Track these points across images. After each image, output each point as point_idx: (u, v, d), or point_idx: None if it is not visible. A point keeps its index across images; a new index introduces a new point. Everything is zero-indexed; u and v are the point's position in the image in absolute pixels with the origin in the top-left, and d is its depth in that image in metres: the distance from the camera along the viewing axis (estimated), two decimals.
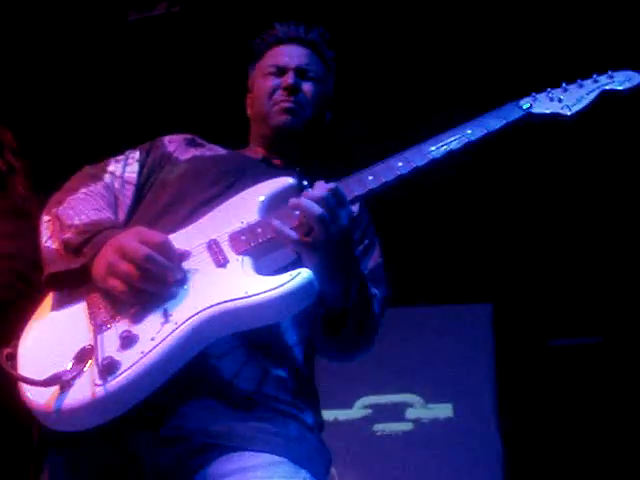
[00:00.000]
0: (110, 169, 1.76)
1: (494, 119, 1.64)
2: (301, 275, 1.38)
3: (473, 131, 1.62)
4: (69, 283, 1.49)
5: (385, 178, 1.56)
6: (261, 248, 1.50)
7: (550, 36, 3.75)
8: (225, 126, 2.34)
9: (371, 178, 1.56)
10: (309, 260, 1.46)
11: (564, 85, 1.69)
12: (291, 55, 1.91)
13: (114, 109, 4.29)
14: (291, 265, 1.49)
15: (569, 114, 1.65)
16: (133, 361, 1.32)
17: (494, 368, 5.22)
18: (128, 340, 1.35)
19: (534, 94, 1.69)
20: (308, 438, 1.52)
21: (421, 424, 5.27)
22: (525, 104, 1.67)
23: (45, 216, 1.62)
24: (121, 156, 1.81)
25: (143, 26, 3.89)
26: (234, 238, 1.52)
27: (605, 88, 1.66)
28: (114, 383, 1.30)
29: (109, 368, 1.31)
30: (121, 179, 1.75)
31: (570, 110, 1.65)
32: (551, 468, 4.80)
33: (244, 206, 1.60)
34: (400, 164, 1.58)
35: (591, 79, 1.69)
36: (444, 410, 5.27)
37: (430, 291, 5.18)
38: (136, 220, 1.66)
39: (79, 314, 1.45)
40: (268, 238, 1.50)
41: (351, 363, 1.75)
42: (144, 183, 1.76)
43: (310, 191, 1.46)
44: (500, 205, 4.91)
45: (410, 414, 5.30)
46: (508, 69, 3.80)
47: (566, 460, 4.79)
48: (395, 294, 1.95)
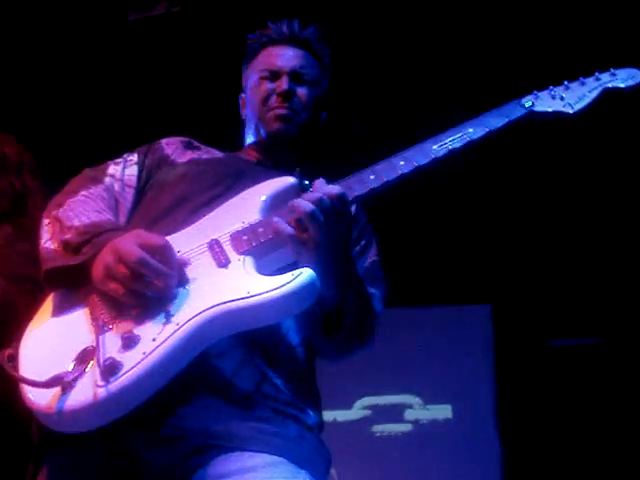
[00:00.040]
0: (110, 172, 1.75)
1: (496, 117, 1.63)
2: (303, 275, 1.37)
3: (475, 130, 1.61)
4: (68, 281, 1.48)
5: (387, 177, 1.55)
6: (263, 248, 1.50)
7: (552, 33, 3.75)
8: (225, 126, 2.32)
9: (372, 177, 1.55)
10: (306, 260, 1.45)
11: (566, 83, 1.69)
12: (285, 58, 1.88)
13: (114, 109, 4.28)
14: (293, 265, 1.48)
15: (571, 112, 1.64)
16: (135, 362, 1.32)
17: (493, 369, 5.21)
18: (130, 341, 1.34)
19: (536, 92, 1.68)
20: (308, 438, 1.51)
21: (420, 425, 5.27)
22: (527, 102, 1.66)
23: (45, 219, 1.61)
24: (120, 159, 1.80)
25: (143, 26, 3.89)
26: (235, 238, 1.51)
27: (607, 86, 1.66)
28: (116, 384, 1.30)
29: (111, 369, 1.30)
30: (121, 182, 1.74)
31: (572, 108, 1.64)
32: (550, 469, 4.80)
33: (245, 206, 1.59)
34: (402, 163, 1.57)
35: (593, 77, 1.69)
36: (443, 411, 5.26)
37: (429, 292, 5.16)
38: (136, 222, 1.65)
39: (80, 315, 1.44)
40: (269, 238, 1.49)
41: (350, 364, 1.74)
42: (143, 186, 1.75)
43: (309, 192, 1.46)
44: (500, 206, 4.91)
45: (409, 415, 5.30)
46: (510, 67, 3.80)
47: (565, 461, 4.79)
48: (394, 294, 1.94)
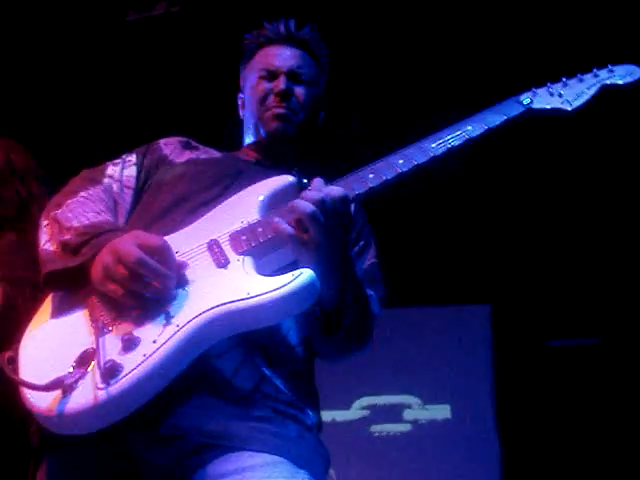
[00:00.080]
0: (108, 172, 1.75)
1: (494, 115, 1.63)
2: (303, 275, 1.37)
3: (473, 127, 1.61)
4: (67, 283, 1.48)
5: (386, 176, 1.55)
6: (262, 248, 1.49)
7: (549, 29, 3.75)
8: (223, 126, 2.32)
9: (371, 176, 1.55)
10: (306, 260, 1.45)
11: (564, 79, 1.68)
12: (282, 57, 1.89)
13: (113, 109, 4.28)
14: (292, 265, 1.47)
15: (570, 109, 1.64)
16: (135, 364, 1.31)
17: (492, 369, 5.22)
18: (130, 343, 1.34)
19: (534, 89, 1.68)
20: (307, 438, 1.51)
21: (419, 425, 5.27)
22: (525, 99, 1.66)
23: (44, 220, 1.60)
24: (118, 160, 1.79)
25: (142, 26, 3.89)
26: (234, 238, 1.50)
27: (606, 83, 1.65)
28: (117, 387, 1.29)
29: (111, 371, 1.30)
30: (119, 183, 1.74)
31: (571, 105, 1.64)
32: (549, 469, 4.80)
33: (244, 205, 1.58)
34: (401, 161, 1.57)
35: (591, 73, 1.68)
36: (442, 411, 5.27)
37: (429, 292, 5.17)
38: (134, 223, 1.65)
39: (80, 317, 1.44)
40: (269, 238, 1.48)
41: (349, 364, 1.74)
42: (142, 186, 1.75)
43: (308, 192, 1.45)
44: (499, 206, 4.91)
45: (408, 415, 5.30)
46: (508, 64, 3.79)
47: (564, 461, 4.79)
48: (394, 295, 1.94)
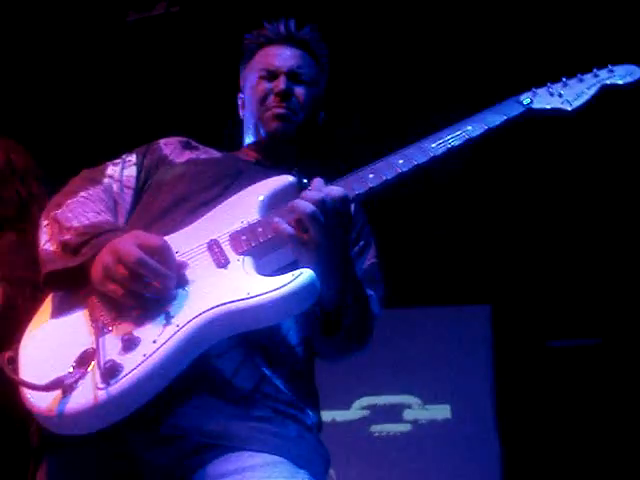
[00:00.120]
0: (108, 172, 1.75)
1: (494, 115, 1.63)
2: (303, 275, 1.37)
3: (473, 127, 1.61)
4: (67, 283, 1.47)
5: (386, 176, 1.55)
6: (262, 248, 1.49)
7: (549, 29, 3.75)
8: (223, 126, 2.32)
9: (371, 176, 1.55)
10: (306, 260, 1.45)
11: (564, 79, 1.68)
12: (282, 57, 1.89)
13: (113, 109, 4.28)
14: (292, 265, 1.47)
15: (570, 109, 1.64)
16: (135, 364, 1.31)
17: (492, 369, 5.22)
18: (130, 343, 1.34)
19: (534, 89, 1.68)
20: (307, 438, 1.50)
21: (419, 425, 5.27)
22: (525, 99, 1.65)
23: (44, 220, 1.60)
24: (118, 160, 1.79)
25: (142, 26, 3.89)
26: (234, 238, 1.50)
27: (606, 83, 1.65)
28: (117, 387, 1.29)
29: (111, 371, 1.30)
30: (119, 183, 1.74)
31: (571, 105, 1.64)
32: (549, 469, 4.80)
33: (244, 205, 1.58)
34: (401, 161, 1.56)
35: (591, 73, 1.68)
36: (442, 411, 5.27)
37: (429, 292, 5.17)
38: (134, 223, 1.64)
39: (80, 316, 1.43)
40: (269, 238, 1.48)
41: (349, 364, 1.74)
42: (142, 186, 1.75)
43: (308, 192, 1.45)
44: (499, 206, 4.91)
45: (408, 415, 5.30)
46: (508, 64, 3.79)
47: (564, 461, 4.79)
48: (394, 295, 1.94)
